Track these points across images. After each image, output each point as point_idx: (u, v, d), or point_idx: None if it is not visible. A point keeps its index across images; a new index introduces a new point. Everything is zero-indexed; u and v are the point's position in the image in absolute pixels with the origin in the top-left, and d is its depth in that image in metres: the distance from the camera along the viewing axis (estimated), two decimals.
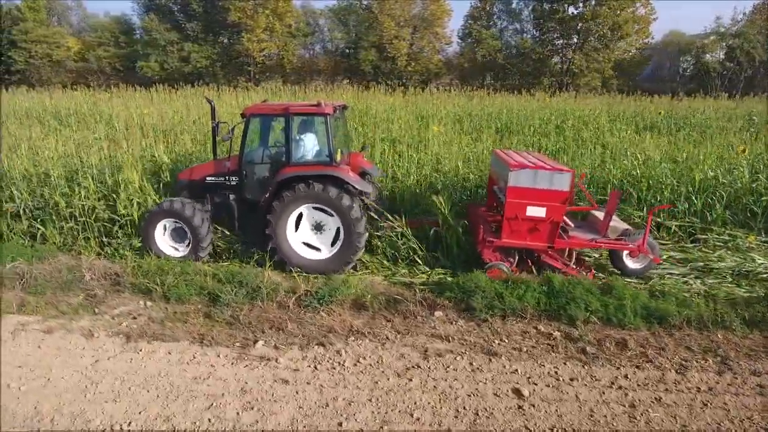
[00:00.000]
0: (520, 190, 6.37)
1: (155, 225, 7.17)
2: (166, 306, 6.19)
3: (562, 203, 6.34)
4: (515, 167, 6.35)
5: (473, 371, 4.99)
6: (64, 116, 16.62)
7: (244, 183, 7.35)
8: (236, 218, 7.42)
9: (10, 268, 6.87)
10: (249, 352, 5.26)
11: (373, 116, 16.04)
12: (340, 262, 6.94)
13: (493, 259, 6.74)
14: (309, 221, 7.07)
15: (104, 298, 6.38)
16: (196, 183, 7.62)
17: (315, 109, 6.84)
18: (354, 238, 6.82)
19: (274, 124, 7.97)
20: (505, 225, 6.56)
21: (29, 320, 5.87)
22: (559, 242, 6.61)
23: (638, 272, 7.02)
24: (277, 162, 7.26)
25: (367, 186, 7.14)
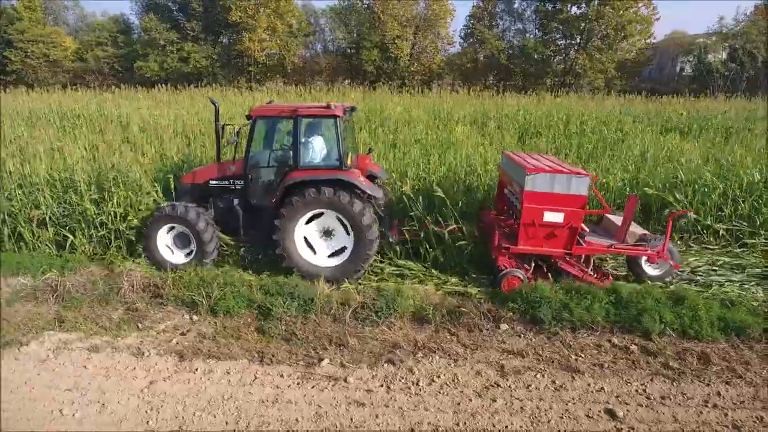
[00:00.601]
0: (537, 195, 6.12)
1: (157, 231, 6.82)
2: (214, 320, 5.83)
3: (580, 208, 6.10)
4: (532, 171, 6.09)
5: (557, 390, 4.69)
6: (72, 118, 16.14)
7: (249, 187, 7.03)
8: (241, 223, 7.09)
9: (44, 280, 6.47)
10: (314, 370, 4.92)
11: (388, 117, 15.74)
12: (350, 269, 6.64)
13: (508, 265, 6.46)
14: (318, 227, 6.77)
15: (146, 312, 6.00)
16: (199, 187, 7.28)
17: (325, 111, 6.55)
18: (365, 244, 6.50)
19: (282, 126, 7.63)
20: (521, 231, 6.30)
21: (71, 337, 5.49)
22: (577, 248, 6.35)
23: (657, 278, 6.76)
24: (285, 165, 6.97)
25: (378, 191, 6.86)
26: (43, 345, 5.33)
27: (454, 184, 9.13)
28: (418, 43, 38.44)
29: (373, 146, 11.22)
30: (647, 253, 6.54)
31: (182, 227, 6.82)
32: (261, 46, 36.78)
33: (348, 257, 6.66)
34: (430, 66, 38.02)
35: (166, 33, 36.54)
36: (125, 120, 14.94)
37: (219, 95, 22.61)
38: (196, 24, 37.16)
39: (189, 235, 6.85)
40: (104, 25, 39.46)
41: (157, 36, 36.18)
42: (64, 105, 18.37)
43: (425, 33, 38.25)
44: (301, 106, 6.77)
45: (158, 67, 36.89)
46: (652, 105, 19.38)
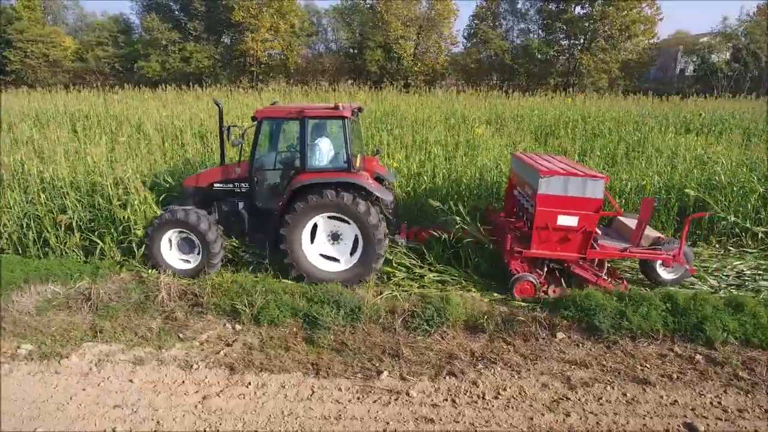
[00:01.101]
0: (551, 198, 5.95)
1: (161, 236, 6.58)
2: (258, 330, 5.61)
3: (595, 211, 5.93)
4: (546, 174, 5.91)
5: (630, 403, 4.50)
6: (82, 118, 15.82)
7: (254, 190, 6.83)
8: (246, 227, 6.88)
9: (75, 287, 6.22)
10: (373, 384, 4.71)
11: (403, 118, 15.54)
12: (361, 272, 6.45)
13: (520, 270, 6.29)
14: (325, 231, 6.58)
15: (186, 322, 5.77)
16: (202, 190, 7.08)
17: (332, 112, 6.37)
18: (375, 245, 6.33)
19: (288, 127, 7.43)
20: (534, 235, 6.13)
21: (112, 349, 5.25)
22: (591, 252, 6.18)
23: (671, 283, 6.59)
24: (292, 168, 6.80)
25: (388, 194, 6.67)
26: (84, 357, 5.08)
27: (481, 187, 8.96)
28: (421, 43, 38.31)
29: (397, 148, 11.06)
30: (663, 256, 6.37)
31: (187, 232, 6.59)
32: (264, 46, 36.53)
33: (358, 259, 6.49)
34: (433, 66, 37.89)
35: (168, 33, 36.21)
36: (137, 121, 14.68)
37: (225, 95, 22.31)
38: (198, 24, 36.83)
39: (194, 240, 6.64)
40: (104, 25, 39.08)
41: (159, 36, 35.83)
42: (70, 105, 18.06)
43: (428, 33, 38.12)
44: (308, 106, 6.59)
45: (160, 67, 36.55)
46: (666, 105, 19.25)
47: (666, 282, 6.63)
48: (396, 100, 20.19)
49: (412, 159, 10.14)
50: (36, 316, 5.90)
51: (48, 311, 5.94)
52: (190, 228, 6.49)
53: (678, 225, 8.22)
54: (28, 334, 5.49)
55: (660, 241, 6.57)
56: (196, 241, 6.59)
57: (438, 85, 37.04)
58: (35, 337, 5.42)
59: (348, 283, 6.38)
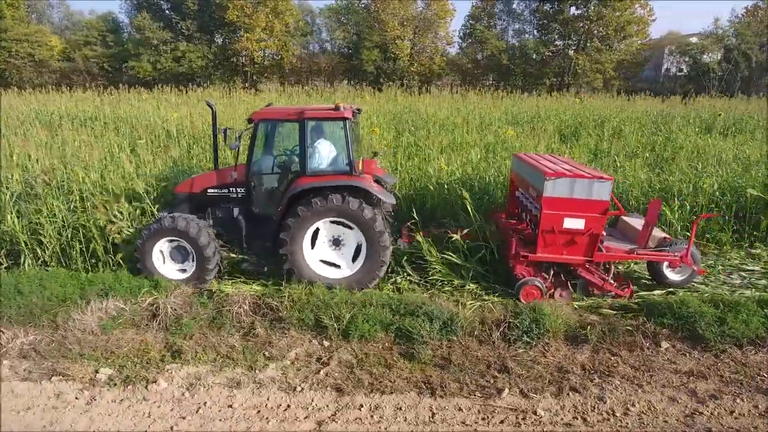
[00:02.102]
0: (557, 201, 5.82)
1: (153, 245, 6.27)
2: (348, 345, 5.27)
3: (602, 214, 5.81)
4: (551, 175, 5.78)
5: (762, 416, 4.31)
6: (86, 121, 15.13)
7: (251, 195, 6.58)
8: (243, 234, 6.60)
9: (139, 302, 5.79)
10: (495, 402, 4.43)
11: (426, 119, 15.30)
12: (363, 279, 6.24)
13: (526, 274, 6.15)
14: (326, 236, 6.35)
15: (268, 338, 5.40)
16: (196, 196, 6.79)
17: (333, 113, 6.17)
18: (379, 251, 6.13)
19: (286, 129, 7.21)
20: (540, 238, 5.98)
21: (200, 371, 4.85)
22: (598, 255, 6.06)
23: (678, 284, 6.50)
24: (291, 172, 6.57)
25: (391, 197, 6.47)
26: (173, 381, 4.68)
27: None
28: (417, 44, 38.14)
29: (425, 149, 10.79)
30: (671, 258, 6.24)
31: (181, 241, 6.27)
32: (259, 45, 35.89)
33: (361, 266, 6.26)
34: (430, 66, 37.75)
35: (160, 32, 35.29)
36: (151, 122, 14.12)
37: (225, 96, 21.67)
38: (190, 23, 35.99)
39: (188, 249, 6.32)
40: (93, 24, 37.84)
41: (150, 35, 34.88)
42: (69, 107, 17.29)
43: (424, 33, 37.98)
44: (308, 108, 6.34)
45: (151, 67, 35.60)
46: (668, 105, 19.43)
47: (673, 283, 6.49)
48: (406, 100, 19.96)
49: (453, 161, 9.87)
50: (101, 335, 5.46)
51: (114, 329, 5.51)
52: (187, 238, 6.18)
53: (737, 226, 8.14)
54: (100, 356, 5.06)
55: (666, 242, 6.46)
56: (191, 250, 6.28)
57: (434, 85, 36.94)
58: (111, 360, 4.99)
59: (351, 288, 6.18)
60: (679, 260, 6.20)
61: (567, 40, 37.68)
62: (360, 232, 6.16)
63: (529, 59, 36.93)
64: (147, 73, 35.41)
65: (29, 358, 5.09)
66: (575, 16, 36.36)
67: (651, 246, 6.43)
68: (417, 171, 9.34)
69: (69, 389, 4.60)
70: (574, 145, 12.23)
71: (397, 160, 9.96)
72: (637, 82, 38.23)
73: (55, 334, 5.49)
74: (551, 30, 36.85)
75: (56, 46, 36.87)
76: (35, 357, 5.11)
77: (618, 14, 35.03)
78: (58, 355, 5.13)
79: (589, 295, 6.23)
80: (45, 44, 36.31)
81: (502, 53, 36.91)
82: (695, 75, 35.48)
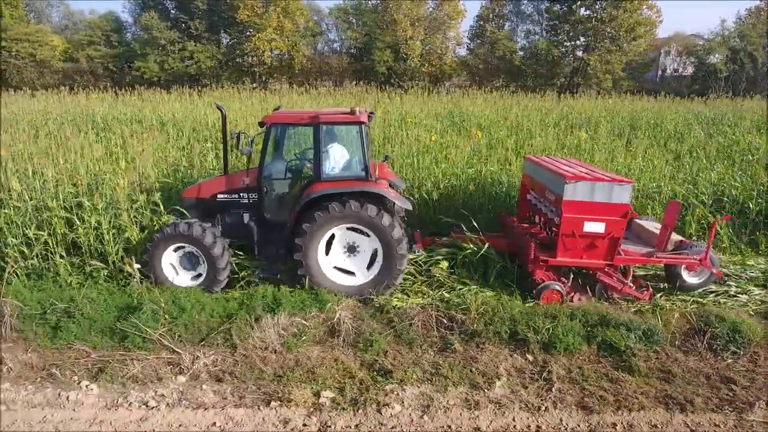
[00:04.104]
0: (577, 204, 5.78)
1: (163, 251, 6.10)
2: (554, 359, 5.05)
3: (622, 217, 5.80)
4: (571, 179, 5.75)
5: None
6: (125, 123, 14.57)
7: (263, 201, 6.42)
8: (255, 240, 6.42)
9: (312, 317, 5.48)
10: (748, 416, 4.27)
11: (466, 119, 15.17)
12: (379, 287, 6.06)
13: (545, 278, 6.09)
14: (341, 243, 6.21)
15: (465, 353, 5.15)
16: (204, 201, 6.62)
17: (349, 117, 6.02)
18: (396, 259, 5.99)
19: (300, 134, 7.08)
20: (559, 242, 5.94)
21: (424, 391, 4.57)
22: (618, 259, 6.02)
23: (696, 287, 6.44)
24: (305, 177, 6.45)
25: (406, 202, 6.34)
26: (404, 403, 4.40)
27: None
28: (429, 44, 38.03)
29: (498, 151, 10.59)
30: (690, 261, 6.19)
31: (192, 247, 6.10)
32: (270, 45, 35.34)
33: (377, 274, 6.11)
34: (441, 67, 37.68)
35: (167, 32, 34.46)
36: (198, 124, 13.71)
37: (247, 97, 21.14)
38: (199, 23, 35.22)
39: (198, 256, 6.15)
40: (96, 23, 36.75)
41: (158, 35, 34.02)
42: (84, 108, 16.67)
43: (435, 33, 37.89)
44: (322, 112, 6.18)
45: (158, 67, 34.74)
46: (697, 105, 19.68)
47: (692, 287, 6.44)
48: (438, 102, 19.76)
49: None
50: (286, 353, 5.14)
51: (298, 347, 5.19)
52: (198, 244, 6.01)
53: None
54: (305, 378, 4.75)
55: (684, 245, 6.43)
56: (201, 257, 6.11)
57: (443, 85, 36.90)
58: (322, 381, 4.67)
59: (363, 297, 6.06)
60: (698, 263, 6.15)
61: (576, 41, 38.00)
62: (377, 240, 5.99)
63: (540, 60, 37.13)
64: (154, 74, 34.56)
65: (226, 381, 4.75)
66: (585, 17, 36.69)
67: (669, 249, 6.35)
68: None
69: (294, 415, 4.28)
70: (659, 149, 12.13)
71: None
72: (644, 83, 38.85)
73: (234, 353, 5.15)
74: (560, 31, 37.09)
75: (58, 46, 35.72)
76: (232, 380, 4.77)
77: (629, 15, 35.43)
78: (254, 377, 4.80)
79: (606, 299, 6.11)
80: (46, 44, 35.14)
81: (514, 54, 37.05)
82: (702, 75, 36.14)
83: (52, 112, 16.28)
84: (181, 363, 4.98)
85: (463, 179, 8.79)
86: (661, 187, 8.42)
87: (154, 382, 4.73)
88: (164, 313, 5.37)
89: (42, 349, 5.26)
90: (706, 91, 31.35)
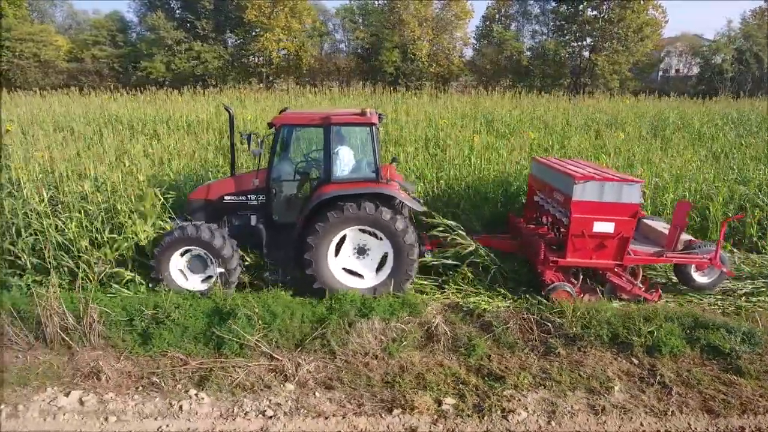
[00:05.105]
0: (586, 204, 5.81)
1: (172, 254, 6.01)
2: (659, 362, 5.01)
3: (632, 217, 5.84)
4: (581, 179, 5.78)
5: None
6: (157, 123, 14.42)
7: (272, 202, 6.38)
8: (264, 242, 6.35)
9: (402, 322, 5.41)
10: None
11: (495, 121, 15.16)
12: (387, 291, 6.01)
13: (555, 279, 6.09)
14: (352, 244, 6.17)
15: (570, 356, 5.11)
16: (212, 203, 6.58)
17: (360, 119, 5.99)
18: (407, 264, 5.97)
19: (310, 135, 7.06)
20: (569, 243, 5.97)
21: (543, 397, 4.51)
22: (627, 259, 6.05)
23: (706, 287, 6.47)
24: (315, 178, 6.40)
25: (418, 204, 6.35)
26: (528, 408, 4.34)
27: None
28: (437, 45, 38.02)
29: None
30: (700, 260, 6.20)
31: (200, 250, 6.03)
32: (278, 46, 35.16)
33: (387, 277, 6.09)
34: (448, 67, 37.68)
35: (174, 32, 34.16)
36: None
37: (257, 98, 20.97)
38: (206, 23, 34.94)
39: (206, 258, 6.08)
40: (102, 23, 36.35)
41: (164, 35, 33.71)
42: (100, 108, 16.50)
43: (442, 33, 37.89)
44: (333, 113, 6.15)
45: (165, 67, 34.43)
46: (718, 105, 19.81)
47: (702, 286, 6.47)
48: (457, 102, 19.71)
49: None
50: (388, 359, 5.06)
51: (400, 352, 5.12)
52: (209, 248, 5.93)
53: None
54: (417, 384, 4.67)
55: (693, 245, 6.45)
56: (209, 260, 6.04)
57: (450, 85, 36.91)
58: (438, 388, 4.60)
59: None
60: (708, 262, 6.17)
61: (582, 41, 38.17)
62: (388, 243, 5.95)
63: (548, 60, 37.24)
64: (160, 74, 34.24)
65: (336, 389, 4.67)
66: (592, 17, 36.85)
67: (679, 248, 6.36)
68: None
69: (419, 423, 4.21)
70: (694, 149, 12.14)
71: None
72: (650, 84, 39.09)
73: (335, 359, 5.08)
74: (571, 31, 37.21)
75: (63, 46, 35.29)
76: (342, 387, 4.69)
77: (636, 15, 35.61)
78: (363, 384, 4.72)
79: (615, 299, 6.10)
80: (50, 44, 34.70)
81: (521, 54, 37.15)
82: (708, 76, 36.43)
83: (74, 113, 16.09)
84: (285, 370, 4.89)
85: (520, 179, 8.73)
86: (720, 188, 8.42)
87: (264, 390, 4.64)
88: (258, 318, 5.28)
89: (135, 356, 5.15)
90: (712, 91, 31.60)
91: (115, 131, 12.70)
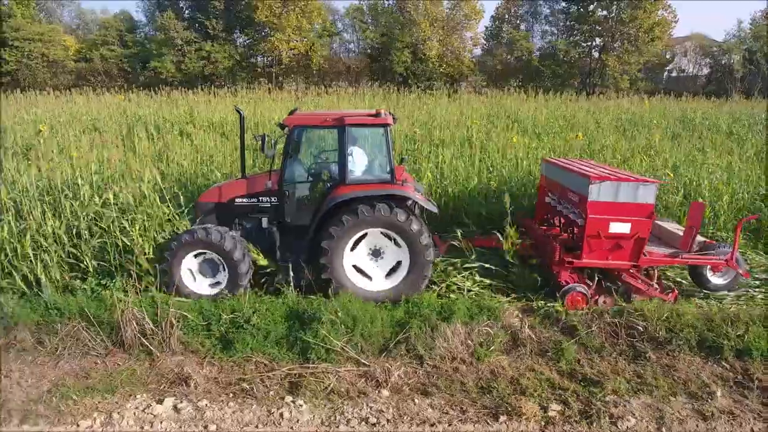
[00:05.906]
0: (602, 205, 5.78)
1: (182, 258, 5.94)
2: (750, 366, 4.96)
3: (647, 217, 5.80)
4: (596, 179, 5.75)
5: None
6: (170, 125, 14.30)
7: (285, 205, 6.32)
8: (277, 245, 6.27)
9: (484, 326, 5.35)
10: None
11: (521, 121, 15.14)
12: (405, 293, 5.94)
13: (570, 281, 6.03)
14: (368, 245, 6.12)
15: (659, 361, 5.05)
16: (223, 206, 6.50)
17: (374, 120, 5.93)
18: (422, 267, 5.93)
19: (323, 136, 7.01)
20: (585, 243, 5.93)
21: (646, 402, 4.45)
22: (643, 260, 6.00)
23: (721, 288, 6.39)
24: (329, 180, 6.33)
25: (432, 206, 6.27)
26: (635, 414, 4.27)
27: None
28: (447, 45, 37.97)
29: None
30: (716, 261, 6.14)
31: (212, 253, 5.96)
32: (288, 46, 35.06)
33: (403, 279, 6.03)
34: (458, 67, 37.65)
35: (184, 32, 34.04)
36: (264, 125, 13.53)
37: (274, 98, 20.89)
38: (216, 23, 34.81)
39: (218, 262, 6.02)
40: (111, 23, 36.20)
41: (174, 35, 33.58)
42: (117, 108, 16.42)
43: (452, 34, 37.86)
44: (347, 113, 6.07)
45: (175, 68, 34.29)
46: None
47: (718, 288, 6.41)
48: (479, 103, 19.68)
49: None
50: (477, 364, 5.00)
51: (489, 357, 5.05)
52: (220, 251, 5.85)
53: None
54: (514, 390, 4.61)
55: (709, 246, 6.39)
56: (221, 264, 5.97)
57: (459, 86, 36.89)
58: (538, 393, 4.54)
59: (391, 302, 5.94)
60: (724, 263, 6.13)
61: (592, 41, 38.20)
62: (405, 246, 5.91)
63: (558, 60, 37.25)
64: (170, 74, 34.11)
65: (434, 395, 4.59)
66: (602, 17, 36.88)
67: (694, 249, 6.31)
68: None
69: (528, 429, 4.15)
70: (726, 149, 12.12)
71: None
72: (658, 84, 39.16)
73: (423, 364, 5.01)
74: (582, 31, 37.21)
75: (71, 46, 35.13)
76: (439, 393, 4.61)
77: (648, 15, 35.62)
78: (458, 389, 4.65)
79: (630, 301, 6.02)
80: (59, 44, 34.55)
81: (531, 54, 37.15)
82: (718, 76, 36.51)
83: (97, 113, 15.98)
84: (376, 376, 4.81)
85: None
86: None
87: (360, 396, 4.56)
88: (341, 323, 5.21)
89: (218, 362, 5.07)
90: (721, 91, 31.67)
91: (147, 132, 12.59)
